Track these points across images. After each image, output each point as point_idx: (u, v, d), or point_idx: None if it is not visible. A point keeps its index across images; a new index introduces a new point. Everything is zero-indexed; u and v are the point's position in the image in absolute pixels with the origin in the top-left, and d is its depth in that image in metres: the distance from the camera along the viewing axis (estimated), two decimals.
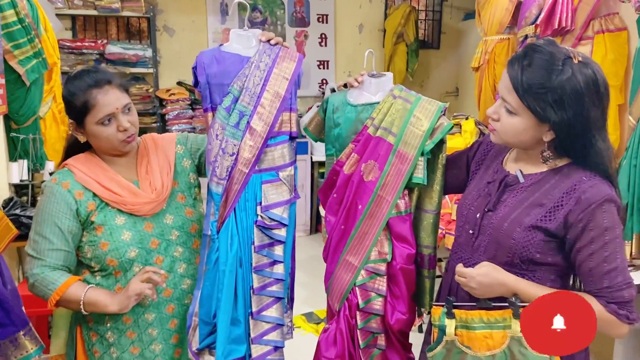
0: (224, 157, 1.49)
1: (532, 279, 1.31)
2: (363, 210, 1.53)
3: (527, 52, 1.28)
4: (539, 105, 1.24)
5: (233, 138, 1.50)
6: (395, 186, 1.50)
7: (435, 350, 1.34)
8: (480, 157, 1.55)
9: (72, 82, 1.48)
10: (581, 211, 1.25)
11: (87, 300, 1.43)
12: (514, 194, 1.36)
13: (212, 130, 1.51)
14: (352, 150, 1.57)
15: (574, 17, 2.89)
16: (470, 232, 1.42)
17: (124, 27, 5.00)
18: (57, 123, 3.45)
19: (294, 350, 3.05)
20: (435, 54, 5.96)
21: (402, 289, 1.54)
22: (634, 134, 2.34)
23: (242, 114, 1.50)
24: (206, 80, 1.51)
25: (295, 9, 5.52)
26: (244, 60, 1.53)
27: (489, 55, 3.70)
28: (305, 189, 5.27)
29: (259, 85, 1.51)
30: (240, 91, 1.51)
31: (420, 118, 1.51)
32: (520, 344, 1.25)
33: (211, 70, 1.52)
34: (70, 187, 1.48)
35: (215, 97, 1.52)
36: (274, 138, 1.55)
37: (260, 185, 1.55)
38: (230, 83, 1.51)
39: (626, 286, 1.25)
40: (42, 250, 1.46)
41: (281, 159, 1.57)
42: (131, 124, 1.50)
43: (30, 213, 2.65)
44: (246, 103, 1.51)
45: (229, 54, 1.55)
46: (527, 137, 1.31)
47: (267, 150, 1.54)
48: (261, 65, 1.53)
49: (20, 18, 2.74)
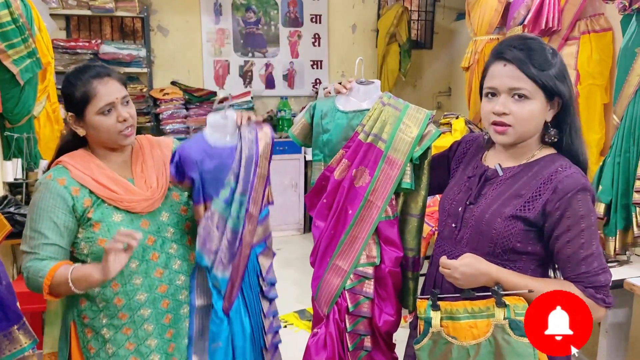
0: (229, 246, 1.56)
1: (514, 269, 1.35)
2: (354, 215, 1.56)
3: (518, 41, 1.36)
4: (551, 81, 1.32)
5: (236, 227, 1.56)
6: (385, 191, 1.54)
7: (422, 342, 1.36)
8: (460, 156, 1.59)
9: (73, 74, 1.51)
10: (558, 200, 1.30)
11: (74, 277, 1.39)
12: (494, 187, 1.41)
13: (209, 222, 1.53)
14: (343, 156, 1.60)
15: (560, 17, 2.94)
16: (453, 225, 1.46)
17: (118, 27, 5.02)
18: (51, 122, 3.47)
19: (286, 347, 3.09)
20: (427, 54, 6.00)
21: (389, 291, 1.58)
22: (618, 132, 2.38)
23: (241, 203, 1.55)
24: (200, 176, 1.52)
25: (289, 9, 5.54)
26: (233, 150, 1.56)
27: (479, 55, 3.74)
28: (298, 188, 5.30)
29: (251, 173, 1.55)
30: (236, 182, 1.54)
31: (409, 125, 1.54)
32: (503, 331, 1.29)
33: (205, 166, 1.52)
34: (67, 184, 1.49)
35: (209, 191, 1.54)
36: (261, 213, 1.63)
37: (257, 258, 1.69)
38: (226, 176, 1.54)
39: (602, 271, 1.31)
40: (36, 245, 1.46)
41: (266, 230, 1.69)
42: (130, 116, 1.53)
43: (24, 211, 2.67)
44: (242, 192, 1.55)
45: (219, 148, 1.55)
46: (539, 122, 1.36)
47: (257, 227, 1.63)
48: (248, 152, 1.56)
49: (14, 18, 2.76)
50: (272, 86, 5.59)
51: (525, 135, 1.38)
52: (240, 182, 1.53)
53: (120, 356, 1.54)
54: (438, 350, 1.35)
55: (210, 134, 1.56)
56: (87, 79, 1.49)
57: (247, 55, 5.49)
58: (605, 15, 2.79)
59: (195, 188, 1.52)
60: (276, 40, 5.56)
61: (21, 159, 3.02)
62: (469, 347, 1.32)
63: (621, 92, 2.36)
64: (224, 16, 5.33)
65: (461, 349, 1.33)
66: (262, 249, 1.71)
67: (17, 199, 2.81)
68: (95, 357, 1.55)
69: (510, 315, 1.29)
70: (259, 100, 5.53)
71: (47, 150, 3.41)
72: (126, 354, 1.55)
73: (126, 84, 1.58)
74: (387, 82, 5.50)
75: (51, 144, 3.48)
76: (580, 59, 2.78)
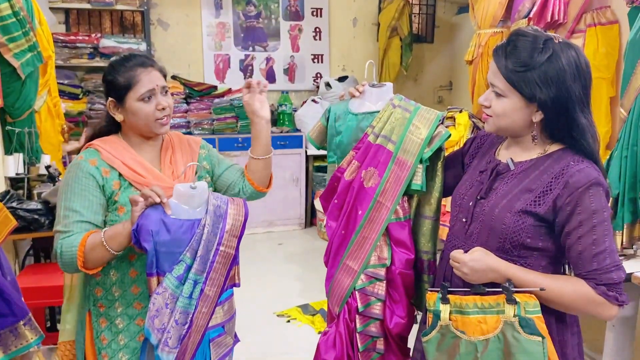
0: (177, 327, 1.42)
1: (524, 266, 1.34)
2: (363, 216, 1.57)
3: (511, 36, 1.35)
4: (525, 83, 1.29)
5: (186, 308, 1.42)
6: (395, 192, 1.54)
7: (430, 335, 1.35)
8: (474, 151, 1.58)
9: (118, 61, 1.57)
10: (568, 195, 1.28)
11: (107, 236, 1.42)
12: (505, 182, 1.39)
13: (159, 297, 1.41)
14: (353, 157, 1.61)
15: (566, 10, 2.92)
16: (463, 220, 1.45)
17: (118, 21, 4.99)
18: (52, 117, 3.46)
19: (291, 341, 3.09)
20: (429, 48, 5.97)
21: (400, 294, 1.57)
22: (625, 125, 2.37)
23: (196, 283, 1.43)
24: (154, 248, 1.39)
25: (290, 2, 5.51)
26: (195, 225, 1.44)
27: (483, 48, 3.72)
28: (300, 182, 5.29)
29: (212, 251, 1.44)
30: (193, 259, 1.42)
31: (419, 127, 1.54)
32: (513, 328, 1.27)
33: (160, 238, 1.39)
34: (98, 165, 1.53)
35: (163, 264, 1.41)
36: (222, 295, 1.51)
37: (208, 343, 1.53)
38: (182, 251, 1.41)
39: (615, 268, 1.27)
40: (71, 223, 1.47)
41: (228, 313, 1.56)
42: (168, 105, 1.58)
43: (27, 206, 2.65)
44: (199, 271, 1.43)
45: (179, 221, 1.42)
46: (517, 119, 1.35)
47: (216, 309, 1.51)
48: (212, 228, 1.45)
49: (15, 11, 2.74)
50: (272, 80, 5.56)
51: (508, 130, 1.39)
52: (198, 260, 1.41)
53: (130, 348, 1.56)
54: (446, 343, 1.34)
55: (175, 203, 1.44)
56: (132, 66, 1.55)
57: (248, 49, 5.46)
58: (611, 8, 2.78)
59: (149, 259, 1.39)
60: (277, 34, 5.53)
61: (22, 154, 3.01)
62: (477, 343, 1.31)
63: (628, 85, 2.35)
64: (225, 10, 5.30)
65: (469, 344, 1.32)
66: (218, 334, 1.56)
67: (19, 194, 2.79)
68: (107, 349, 1.56)
69: (520, 313, 1.27)
70: None
71: (48, 144, 3.40)
72: (137, 346, 1.56)
73: (166, 75, 1.64)
74: (389, 76, 5.48)
75: (52, 139, 3.47)
76: (587, 52, 2.76)
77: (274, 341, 3.14)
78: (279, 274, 4.19)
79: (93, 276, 1.55)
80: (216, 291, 1.47)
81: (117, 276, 1.55)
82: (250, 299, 3.56)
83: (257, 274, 4.16)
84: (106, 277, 1.56)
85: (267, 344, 3.10)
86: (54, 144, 3.50)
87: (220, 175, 1.76)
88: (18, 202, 2.67)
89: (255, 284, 3.93)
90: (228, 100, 5.00)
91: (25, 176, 2.95)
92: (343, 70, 5.75)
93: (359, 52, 5.77)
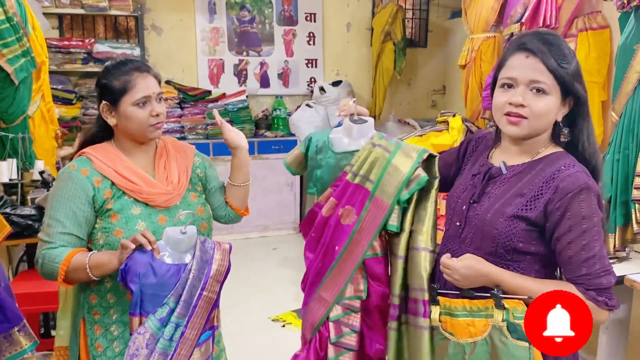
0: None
1: (517, 270, 1.34)
2: (339, 252, 1.57)
3: (540, 35, 1.35)
4: (568, 78, 1.32)
5: (166, 350, 1.43)
6: (371, 231, 1.53)
7: None
8: (470, 153, 1.58)
9: (115, 65, 1.57)
10: (559, 200, 1.28)
11: (92, 263, 1.44)
12: (497, 185, 1.40)
13: (140, 337, 1.41)
14: (331, 195, 1.61)
15: (558, 15, 2.94)
16: (457, 223, 1.45)
17: (112, 26, 4.98)
18: (46, 122, 3.45)
19: (286, 346, 3.08)
20: (422, 52, 6.00)
21: (376, 322, 1.58)
22: (617, 129, 2.39)
23: (177, 326, 1.44)
24: (139, 289, 1.41)
25: (283, 7, 5.53)
26: (182, 269, 1.45)
27: (475, 53, 3.74)
28: (294, 187, 5.29)
29: (195, 296, 1.46)
30: (176, 303, 1.44)
31: (398, 167, 1.51)
32: (501, 333, 1.28)
33: (147, 280, 1.41)
34: (89, 174, 1.52)
35: (147, 306, 1.43)
36: (201, 337, 1.52)
37: None
38: (167, 295, 1.43)
39: (604, 273, 1.28)
40: (53, 233, 1.49)
41: (204, 354, 1.56)
42: (162, 113, 1.59)
43: (20, 212, 2.64)
44: (182, 315, 1.44)
45: (166, 265, 1.45)
46: (552, 118, 1.35)
47: (194, 351, 1.50)
48: (197, 274, 1.47)
49: (8, 17, 2.74)
50: (266, 85, 5.57)
51: (537, 131, 1.36)
52: (182, 304, 1.43)
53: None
54: (435, 344, 1.36)
55: (164, 247, 1.46)
56: (129, 70, 1.55)
57: (242, 54, 5.47)
58: (602, 13, 2.80)
59: (133, 300, 1.41)
60: (271, 38, 5.54)
61: (16, 159, 2.99)
62: (465, 345, 1.32)
63: (620, 89, 2.37)
64: (219, 15, 5.31)
65: (457, 345, 1.33)
66: None
67: (12, 200, 2.78)
68: (102, 356, 1.56)
69: (509, 318, 1.28)
70: (254, 99, 5.51)
71: (42, 150, 3.39)
72: None
73: (161, 82, 1.64)
74: (382, 80, 5.50)
75: (46, 144, 3.46)
76: (579, 56, 2.76)
77: (269, 346, 3.14)
78: (273, 279, 4.19)
79: (88, 283, 1.55)
80: (196, 334, 1.47)
81: (111, 283, 1.55)
82: (244, 304, 3.55)
83: (252, 278, 4.16)
84: (101, 284, 1.55)
85: (262, 348, 3.11)
86: (47, 149, 3.48)
87: (210, 193, 1.77)
88: (12, 207, 2.66)
89: (250, 288, 3.93)
90: (222, 105, 5.00)
91: (19, 182, 2.94)
92: (337, 74, 5.76)
93: (353, 56, 5.79)
